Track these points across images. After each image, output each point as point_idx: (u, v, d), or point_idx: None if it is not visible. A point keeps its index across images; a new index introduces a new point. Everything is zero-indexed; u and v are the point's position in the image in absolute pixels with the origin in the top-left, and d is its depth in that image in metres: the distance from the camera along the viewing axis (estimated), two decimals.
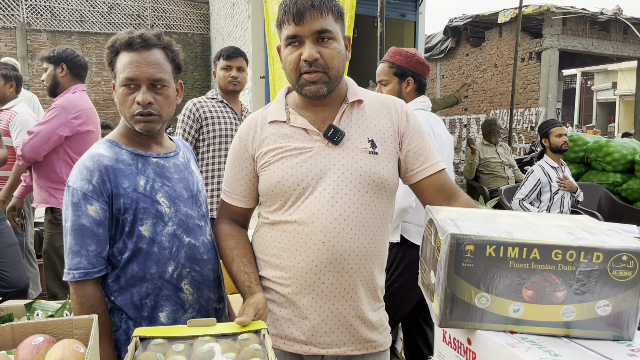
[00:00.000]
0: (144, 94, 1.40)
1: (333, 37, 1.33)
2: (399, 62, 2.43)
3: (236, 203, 1.51)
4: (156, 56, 1.44)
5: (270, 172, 1.39)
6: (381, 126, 1.42)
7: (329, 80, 1.34)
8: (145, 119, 1.42)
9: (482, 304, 0.95)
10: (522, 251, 0.92)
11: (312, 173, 1.35)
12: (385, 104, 1.46)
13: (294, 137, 1.39)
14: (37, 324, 1.09)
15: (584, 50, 12.19)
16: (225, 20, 10.84)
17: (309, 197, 1.35)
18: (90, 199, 1.37)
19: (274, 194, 1.39)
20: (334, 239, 1.33)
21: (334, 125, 1.37)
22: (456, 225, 0.97)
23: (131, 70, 1.40)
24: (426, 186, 1.43)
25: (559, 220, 1.09)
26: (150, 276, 1.43)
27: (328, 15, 1.31)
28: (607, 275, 0.91)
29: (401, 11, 7.62)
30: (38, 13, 12.34)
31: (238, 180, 1.49)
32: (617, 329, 0.93)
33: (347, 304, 1.38)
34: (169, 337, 1.13)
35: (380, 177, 1.37)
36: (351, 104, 1.42)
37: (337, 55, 1.34)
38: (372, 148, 1.38)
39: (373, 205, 1.38)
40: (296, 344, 1.40)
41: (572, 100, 24.50)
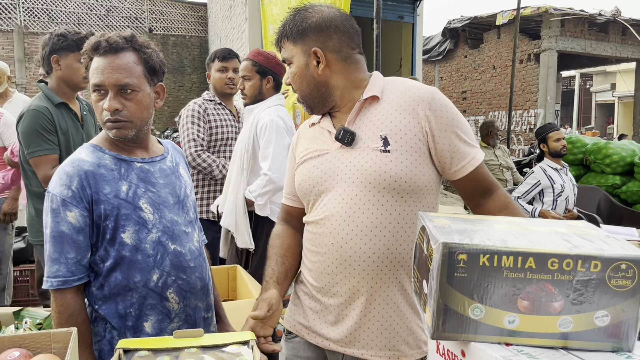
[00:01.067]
0: (110, 100, 1.36)
1: (291, 62, 1.42)
2: (260, 62, 2.74)
3: (290, 203, 1.56)
4: (124, 60, 1.38)
5: (297, 173, 1.46)
6: (399, 121, 1.33)
7: (302, 100, 1.45)
8: (115, 126, 1.39)
9: (476, 315, 0.92)
10: (516, 260, 0.89)
11: (326, 175, 1.37)
12: (411, 97, 1.36)
13: (319, 139, 1.44)
14: (13, 338, 1.05)
15: (583, 51, 12.20)
16: (222, 23, 10.83)
17: (324, 199, 1.37)
18: (69, 205, 1.34)
19: (299, 195, 1.47)
20: (342, 241, 1.32)
21: (344, 127, 1.36)
22: (449, 233, 0.94)
23: (97, 76, 1.37)
24: (461, 185, 1.40)
25: (556, 226, 1.05)
26: (135, 285, 1.40)
27: (285, 44, 1.42)
28: (605, 285, 0.88)
29: (399, 13, 7.61)
30: (35, 16, 12.32)
31: (289, 181, 1.55)
32: (617, 340, 0.90)
33: (364, 307, 1.34)
34: (153, 349, 1.10)
35: (392, 176, 1.29)
36: (365, 101, 1.38)
37: (295, 77, 1.42)
38: (384, 146, 1.31)
39: (388, 206, 1.31)
40: (318, 337, 1.42)
41: (571, 102, 24.51)
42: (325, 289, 1.38)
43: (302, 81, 1.40)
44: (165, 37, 13.60)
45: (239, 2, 8.40)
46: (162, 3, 13.78)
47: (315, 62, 1.37)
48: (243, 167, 2.68)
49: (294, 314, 1.48)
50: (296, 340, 1.47)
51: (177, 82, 13.97)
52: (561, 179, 4.14)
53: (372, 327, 1.35)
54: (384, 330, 1.35)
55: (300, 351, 1.47)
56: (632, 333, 0.90)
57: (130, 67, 1.39)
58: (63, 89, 2.53)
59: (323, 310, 1.40)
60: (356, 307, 1.34)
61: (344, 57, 1.38)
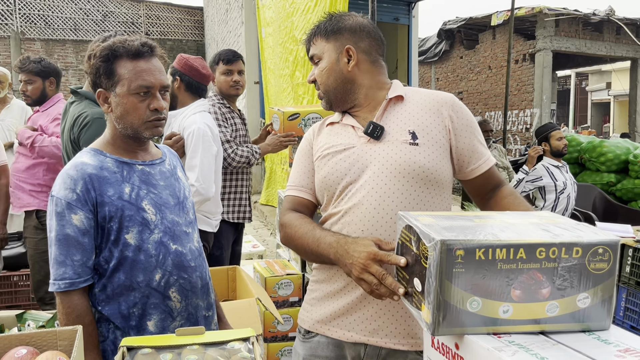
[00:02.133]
0: (160, 101, 1.45)
1: (320, 58, 1.50)
2: (174, 65, 2.85)
3: (302, 195, 1.52)
4: (159, 63, 1.48)
5: (319, 168, 1.48)
6: (424, 119, 1.44)
7: (324, 95, 1.51)
8: (158, 124, 1.46)
9: (473, 308, 0.95)
10: (509, 252, 0.93)
11: (354, 167, 1.41)
12: (433, 99, 1.49)
13: (342, 135, 1.48)
14: (20, 336, 1.08)
15: (577, 51, 12.25)
16: (219, 27, 10.87)
17: (352, 190, 1.40)
18: (74, 208, 1.37)
19: (321, 189, 1.47)
20: (372, 227, 1.35)
21: (373, 122, 1.43)
22: (440, 230, 0.97)
23: (146, 78, 1.42)
24: (475, 182, 1.49)
25: (528, 217, 1.11)
26: (137, 285, 1.42)
27: (316, 40, 1.51)
28: (585, 269, 0.94)
29: (394, 15, 7.65)
30: (32, 22, 12.34)
31: (305, 174, 1.54)
32: (596, 320, 0.97)
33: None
34: (156, 347, 1.12)
35: (421, 167, 1.37)
36: (391, 100, 1.48)
37: (322, 73, 1.49)
38: (413, 139, 1.40)
39: (417, 196, 1.38)
40: (340, 330, 1.41)
41: (567, 101, 24.58)
42: (347, 278, 1.37)
43: (329, 76, 1.48)
44: (161, 41, 13.63)
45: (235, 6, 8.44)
46: (159, 7, 13.81)
47: (346, 59, 1.47)
48: None
49: (311, 314, 1.48)
50: (315, 340, 1.46)
51: None
52: (563, 177, 4.19)
53: (397, 314, 1.38)
54: (408, 317, 1.38)
55: (318, 351, 1.46)
56: (610, 312, 0.96)
57: (163, 70, 1.50)
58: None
59: (344, 301, 1.40)
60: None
61: (372, 59, 1.50)
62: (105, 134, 1.52)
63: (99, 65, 1.43)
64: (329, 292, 1.44)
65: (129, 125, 1.44)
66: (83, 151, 1.48)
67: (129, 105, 1.42)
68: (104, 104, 1.47)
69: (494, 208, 1.46)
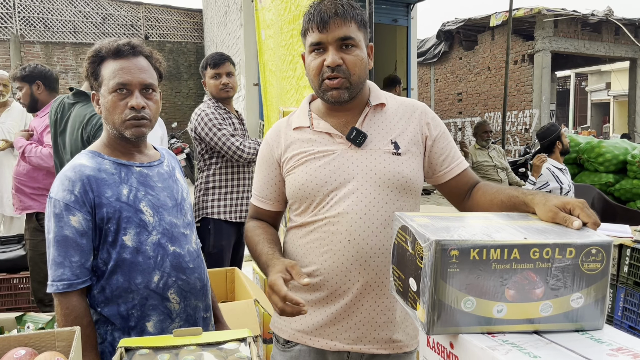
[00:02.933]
0: (137, 98, 1.42)
1: (356, 45, 1.37)
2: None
3: (264, 206, 1.54)
4: (144, 63, 1.47)
5: (295, 175, 1.43)
6: (404, 128, 1.45)
7: (350, 86, 1.38)
8: (137, 123, 1.43)
9: (467, 307, 0.96)
10: (503, 252, 0.94)
11: (335, 174, 1.39)
12: (409, 108, 1.50)
13: (318, 141, 1.44)
14: (19, 337, 1.08)
15: (576, 51, 12.27)
16: (218, 29, 10.89)
17: (334, 197, 1.38)
18: (72, 209, 1.37)
19: (299, 197, 1.43)
20: (359, 237, 1.36)
21: (357, 128, 1.41)
22: (435, 231, 0.98)
23: (123, 75, 1.41)
24: (453, 185, 1.50)
25: (523, 219, 1.13)
26: (136, 286, 1.43)
27: (351, 23, 1.36)
28: (579, 269, 0.95)
29: (393, 16, 7.67)
30: (31, 25, 12.36)
31: (266, 184, 1.53)
32: (589, 320, 0.97)
33: (373, 301, 1.39)
34: (154, 347, 1.13)
35: (404, 177, 1.40)
36: (373, 107, 1.46)
37: (359, 62, 1.38)
38: (395, 149, 1.42)
39: (398, 205, 1.40)
40: (322, 339, 1.41)
41: (567, 102, 24.60)
42: (335, 286, 1.38)
43: (363, 67, 1.40)
44: (161, 43, 13.66)
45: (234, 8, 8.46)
46: (158, 10, 13.84)
47: (368, 55, 1.43)
48: None
49: (290, 323, 1.46)
50: (295, 349, 1.45)
51: (173, 89, 14.02)
52: (567, 179, 4.22)
53: (379, 320, 1.40)
54: (390, 323, 1.41)
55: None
56: (603, 312, 0.97)
57: (149, 70, 1.48)
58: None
59: (327, 311, 1.40)
60: (365, 302, 1.39)
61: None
62: (102, 136, 1.53)
63: (87, 67, 1.48)
64: (309, 301, 1.42)
65: (112, 125, 1.46)
66: (81, 153, 1.49)
67: (109, 104, 1.43)
68: (96, 106, 1.50)
69: (472, 206, 1.46)
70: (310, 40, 1.38)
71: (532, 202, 1.21)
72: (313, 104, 1.53)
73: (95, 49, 1.46)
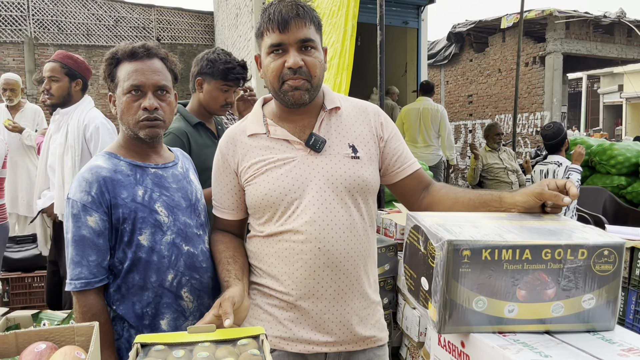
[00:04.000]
0: (150, 99, 1.45)
1: (315, 47, 1.38)
2: (70, 65, 2.96)
3: (226, 216, 1.54)
4: (158, 65, 1.49)
5: (256, 185, 1.41)
6: (360, 131, 1.47)
7: (310, 88, 1.37)
8: (151, 124, 1.46)
9: (479, 307, 0.97)
10: (515, 253, 0.95)
11: (297, 182, 1.38)
12: (362, 110, 1.52)
13: (276, 149, 1.42)
14: (39, 332, 1.11)
15: (588, 53, 12.17)
16: (229, 31, 10.94)
17: (299, 206, 1.38)
18: (89, 210, 1.40)
19: (262, 207, 1.41)
20: (328, 244, 1.36)
21: (315, 134, 1.41)
22: (448, 231, 0.99)
23: (136, 77, 1.44)
24: (406, 184, 1.51)
25: (537, 220, 1.13)
26: (151, 285, 1.46)
27: (310, 25, 1.36)
28: (591, 270, 0.96)
29: (403, 18, 7.66)
30: (45, 27, 12.50)
31: (225, 195, 1.51)
32: (601, 321, 0.98)
33: (347, 304, 1.42)
34: (169, 343, 1.15)
35: (364, 180, 1.42)
36: (329, 111, 1.46)
37: (319, 64, 1.38)
38: (354, 153, 1.43)
39: (360, 207, 1.43)
40: (299, 344, 1.42)
41: (579, 104, 24.39)
42: (308, 294, 1.39)
43: (321, 69, 1.40)
44: (172, 46, 13.74)
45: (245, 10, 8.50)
46: (169, 12, 13.93)
47: (324, 58, 1.43)
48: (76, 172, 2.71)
49: (267, 329, 1.44)
50: (274, 354, 1.43)
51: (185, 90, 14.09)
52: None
53: (353, 320, 1.43)
54: (364, 322, 1.45)
55: None
56: (614, 313, 0.98)
57: (164, 72, 1.50)
58: (202, 111, 2.46)
59: (303, 316, 1.40)
60: (339, 306, 1.41)
61: None
62: (118, 137, 1.56)
63: (105, 69, 1.51)
64: (284, 308, 1.42)
65: (127, 126, 1.49)
66: (98, 155, 1.52)
67: (123, 105, 1.46)
68: (112, 107, 1.53)
69: (432, 204, 1.47)
70: (270, 42, 1.36)
71: (510, 195, 1.24)
72: (266, 108, 1.51)
73: (112, 51, 1.50)
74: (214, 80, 2.38)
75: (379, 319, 1.53)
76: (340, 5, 4.20)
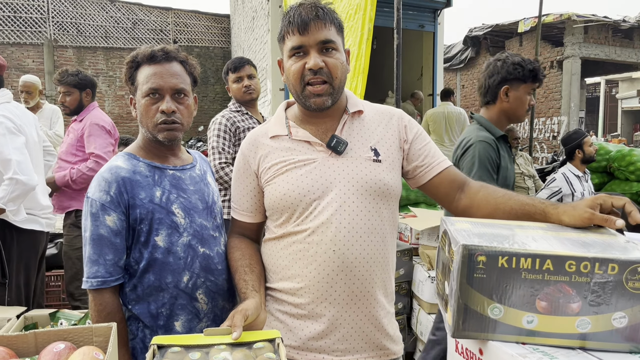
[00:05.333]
0: (167, 102, 1.46)
1: (336, 48, 1.36)
2: None
3: (244, 219, 1.53)
4: (177, 68, 1.50)
5: (275, 185, 1.40)
6: (382, 135, 1.45)
7: (333, 92, 1.37)
8: (168, 127, 1.47)
9: (495, 314, 0.95)
10: (534, 262, 0.92)
11: (317, 183, 1.37)
12: (386, 114, 1.50)
13: (297, 150, 1.41)
14: (58, 332, 1.12)
15: (607, 58, 12.02)
16: (245, 34, 11.00)
17: (317, 207, 1.36)
18: (108, 209, 1.41)
19: (280, 207, 1.40)
20: (344, 247, 1.35)
21: (337, 136, 1.40)
22: (469, 236, 0.98)
23: (155, 80, 1.46)
24: (438, 183, 1.45)
25: (579, 232, 1.08)
26: (166, 286, 1.46)
27: (331, 26, 1.36)
28: (622, 287, 0.90)
29: (420, 22, 7.64)
30: (64, 30, 12.69)
31: (244, 197, 1.51)
32: (635, 342, 0.92)
33: (360, 311, 1.39)
34: (185, 345, 1.15)
35: (385, 184, 1.39)
36: (352, 114, 1.45)
37: (341, 65, 1.37)
38: (376, 156, 1.41)
39: (380, 212, 1.40)
40: (310, 353, 1.40)
41: (596, 109, 24.10)
42: (321, 298, 1.37)
43: (343, 71, 1.38)
44: (189, 48, 13.86)
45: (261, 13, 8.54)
46: (186, 15, 14.05)
47: (346, 60, 1.42)
48: None
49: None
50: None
51: (200, 93, 14.20)
52: (581, 187, 4.13)
53: (367, 329, 1.40)
54: (377, 331, 1.42)
55: None
56: None
57: (182, 75, 1.51)
58: (502, 122, 2.36)
59: (315, 324, 1.38)
60: (352, 313, 1.38)
61: None
62: (138, 139, 1.58)
63: (125, 72, 1.53)
64: (295, 315, 1.41)
65: (146, 128, 1.50)
66: (118, 155, 1.53)
67: (142, 108, 1.48)
68: (133, 109, 1.55)
69: (470, 208, 1.40)
70: (290, 45, 1.36)
71: (555, 212, 1.16)
72: (289, 111, 1.51)
73: (133, 55, 1.51)
74: (524, 84, 2.27)
75: (395, 331, 1.49)
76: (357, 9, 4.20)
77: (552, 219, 1.17)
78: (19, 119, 2.69)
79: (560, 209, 1.15)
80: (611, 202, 1.08)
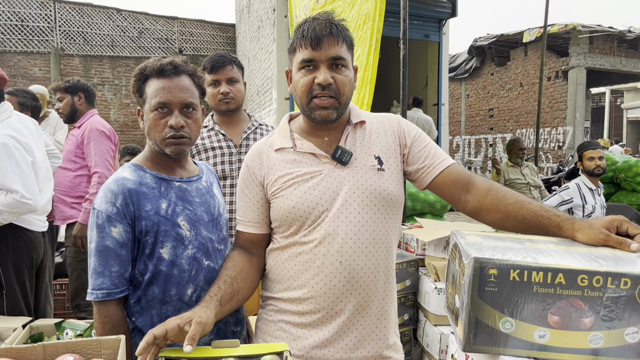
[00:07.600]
0: (176, 117, 1.46)
1: (346, 65, 1.38)
2: None
3: (249, 230, 1.51)
4: (185, 82, 1.50)
5: (283, 198, 1.41)
6: (384, 143, 1.47)
7: (339, 106, 1.38)
8: (176, 142, 1.47)
9: (506, 328, 0.94)
10: (546, 276, 0.91)
11: (325, 195, 1.38)
12: (384, 121, 1.52)
13: (303, 162, 1.42)
14: (67, 344, 1.12)
15: (612, 68, 12.02)
16: (251, 43, 11.05)
17: (325, 219, 1.37)
18: (114, 221, 1.41)
19: (289, 220, 1.41)
20: (350, 258, 1.36)
21: (341, 146, 1.41)
22: (480, 249, 0.97)
23: (164, 95, 1.45)
24: (440, 183, 1.44)
25: (591, 247, 1.07)
26: (170, 298, 1.45)
27: (343, 44, 1.38)
28: (635, 302, 0.90)
29: (425, 32, 7.66)
30: (71, 38, 12.78)
31: (250, 207, 1.50)
32: None
33: (364, 320, 1.40)
34: (194, 358, 1.15)
35: (389, 193, 1.41)
36: (354, 125, 1.47)
37: (349, 82, 1.39)
38: (379, 165, 1.43)
39: (384, 221, 1.41)
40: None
41: (602, 119, 24.06)
42: (327, 309, 1.38)
43: (350, 88, 1.40)
44: (194, 57, 13.93)
45: (267, 23, 8.59)
46: (192, 24, 14.14)
47: (354, 76, 1.44)
48: None
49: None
50: None
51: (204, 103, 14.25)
52: (594, 200, 4.09)
53: (369, 338, 1.41)
54: (379, 340, 1.43)
55: None
56: None
57: (191, 89, 1.51)
58: None
59: (320, 333, 1.39)
60: (357, 322, 1.39)
61: None
62: (144, 150, 1.57)
63: (133, 84, 1.53)
64: (301, 324, 1.41)
65: (153, 141, 1.50)
66: (124, 166, 1.53)
67: (151, 122, 1.47)
68: (140, 121, 1.55)
69: (479, 211, 1.36)
70: (301, 57, 1.37)
71: (571, 227, 1.14)
72: (293, 124, 1.52)
73: (141, 67, 1.51)
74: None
75: (396, 341, 1.50)
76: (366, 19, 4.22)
77: (566, 234, 1.15)
78: (23, 136, 2.63)
79: (577, 226, 1.13)
80: (627, 227, 1.06)
